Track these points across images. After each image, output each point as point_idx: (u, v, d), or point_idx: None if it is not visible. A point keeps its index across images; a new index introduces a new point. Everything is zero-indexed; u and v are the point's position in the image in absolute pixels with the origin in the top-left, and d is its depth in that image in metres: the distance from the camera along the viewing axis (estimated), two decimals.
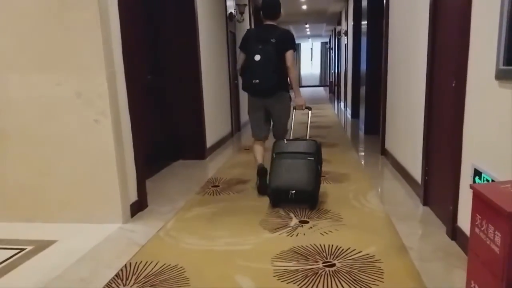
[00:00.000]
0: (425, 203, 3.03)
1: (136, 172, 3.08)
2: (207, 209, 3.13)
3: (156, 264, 2.23)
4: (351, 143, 5.85)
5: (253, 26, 10.65)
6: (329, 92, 17.77)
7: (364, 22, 6.46)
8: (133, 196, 3.05)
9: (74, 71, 2.71)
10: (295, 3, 11.27)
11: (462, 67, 2.31)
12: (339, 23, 12.57)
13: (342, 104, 11.94)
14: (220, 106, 6.00)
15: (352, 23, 8.42)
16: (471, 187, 1.54)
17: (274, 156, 3.15)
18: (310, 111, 3.51)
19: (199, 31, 4.84)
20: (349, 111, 9.34)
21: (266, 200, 3.25)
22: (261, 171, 3.40)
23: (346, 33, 10.32)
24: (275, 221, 2.81)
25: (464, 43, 2.27)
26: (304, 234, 2.57)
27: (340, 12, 12.38)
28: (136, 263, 2.25)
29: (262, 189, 3.37)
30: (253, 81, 3.20)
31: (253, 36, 3.32)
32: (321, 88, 21.51)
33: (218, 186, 3.78)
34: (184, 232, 2.66)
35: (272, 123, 3.51)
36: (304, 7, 11.89)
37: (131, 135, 3.03)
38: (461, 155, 2.34)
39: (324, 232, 2.59)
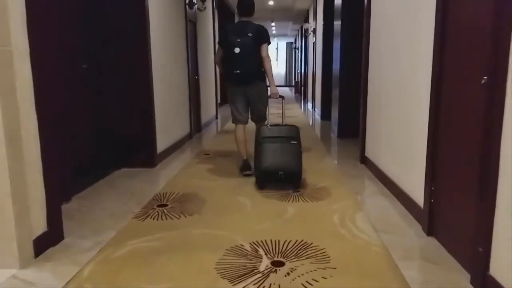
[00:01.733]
0: (430, 232, 2.38)
1: (46, 192, 2.21)
2: (145, 242, 2.31)
3: None
4: (325, 148, 5.20)
5: (217, 20, 9.87)
6: (295, 92, 17.24)
7: (337, 22, 5.84)
8: (40, 226, 2.18)
9: None
10: None
11: (499, 57, 1.66)
12: (306, 21, 12.01)
13: (309, 104, 11.37)
14: (176, 104, 5.16)
15: (322, 22, 7.81)
16: None
17: (260, 140, 3.36)
18: (283, 100, 3.81)
19: (149, 15, 3.99)
20: (318, 112, 8.75)
21: (227, 224, 2.50)
22: (245, 167, 3.76)
23: (314, 31, 9.74)
24: (238, 262, 2.05)
25: (506, 22, 1.62)
26: (279, 286, 1.83)
27: (308, 10, 11.82)
28: None
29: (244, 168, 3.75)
30: (235, 71, 3.54)
31: (231, 31, 3.62)
32: (287, 88, 20.97)
33: (166, 205, 2.97)
34: (106, 285, 1.85)
35: (250, 110, 3.80)
36: (271, 2, 11.22)
37: (38, 143, 2.16)
38: (498, 177, 1.68)
39: (307, 282, 1.86)
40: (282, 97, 3.76)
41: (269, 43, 3.60)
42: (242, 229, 2.47)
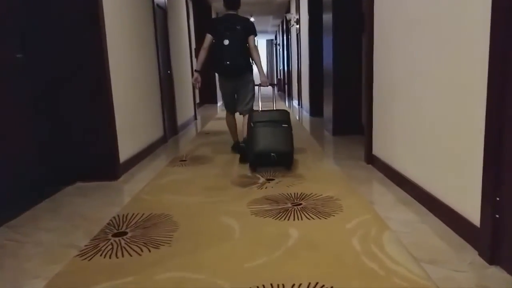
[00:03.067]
0: (494, 260, 1.69)
1: None
2: None
3: None
4: (322, 147, 4.50)
5: (191, 12, 9.11)
6: (278, 90, 16.57)
7: (327, 15, 5.16)
8: None
9: None
10: None
11: None
12: (288, 12, 11.33)
13: (295, 102, 10.71)
14: (144, 103, 4.38)
15: (308, 15, 7.14)
16: None
17: (253, 125, 3.42)
18: (274, 87, 4.30)
19: None
20: (306, 108, 8.07)
21: (206, 261, 1.75)
22: (237, 148, 4.08)
23: (298, 22, 9.07)
24: None
25: None
26: None
27: (289, 1, 11.16)
28: None
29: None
30: (225, 62, 3.70)
31: (220, 24, 3.81)
32: (269, 87, 20.28)
33: (125, 233, 2.20)
34: None
35: (237, 100, 3.99)
36: None
37: None
38: None
39: None
40: (272, 84, 4.10)
41: (255, 34, 3.81)
42: (227, 268, 1.73)
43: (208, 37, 3.81)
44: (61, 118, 3.23)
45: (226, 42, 3.66)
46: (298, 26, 9.12)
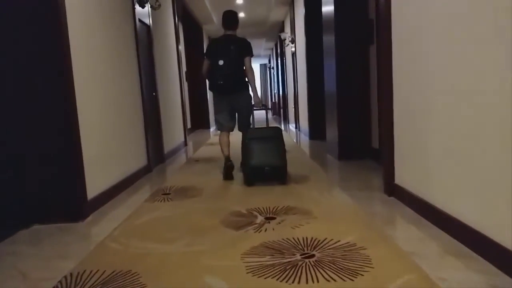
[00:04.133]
0: None
1: None
2: None
3: None
4: (327, 174, 3.90)
5: (181, 32, 8.70)
6: (273, 114, 16.10)
7: (329, 37, 4.68)
8: None
9: None
10: (231, 8, 9.51)
11: None
12: (282, 31, 10.95)
13: (292, 125, 10.19)
14: (123, 130, 3.80)
15: (305, 37, 6.71)
16: None
17: (247, 141, 3.55)
18: (266, 109, 4.61)
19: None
20: (304, 131, 7.53)
21: None
22: (228, 167, 3.84)
23: (293, 41, 8.67)
24: None
25: None
26: None
27: (283, 22, 10.83)
28: None
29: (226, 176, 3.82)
30: (218, 82, 3.79)
31: (216, 45, 3.91)
32: (263, 111, 19.85)
33: None
34: None
35: (237, 118, 4.02)
36: (242, 14, 10.17)
37: None
38: None
39: None
40: (264, 105, 4.36)
41: (251, 55, 3.86)
42: None
43: (206, 62, 3.92)
44: (12, 148, 2.63)
45: (221, 62, 3.73)
46: (293, 45, 8.71)
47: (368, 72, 4.37)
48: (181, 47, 9.12)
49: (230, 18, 3.99)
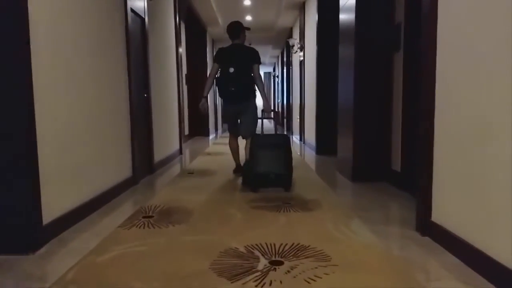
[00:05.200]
0: None
1: None
2: None
3: None
4: (341, 199, 3.29)
5: (183, 33, 8.18)
6: (276, 124, 15.51)
7: (346, 48, 4.13)
8: None
9: None
10: (238, 11, 8.99)
11: None
12: (290, 37, 10.40)
13: (295, 136, 9.62)
14: (101, 136, 3.20)
15: (316, 46, 6.16)
16: None
17: (254, 148, 3.55)
18: (275, 114, 4.93)
19: None
20: (310, 145, 6.94)
21: None
22: (238, 169, 4.26)
23: (302, 48, 8.12)
24: None
25: None
26: None
27: (291, 28, 10.31)
28: None
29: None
30: (230, 88, 3.96)
31: (225, 53, 4.08)
32: (265, 120, 19.29)
33: None
34: None
35: (240, 125, 4.13)
36: (248, 17, 9.66)
37: None
38: None
39: None
40: (274, 111, 4.37)
41: (259, 63, 4.00)
42: None
43: (215, 66, 4.10)
44: None
45: (231, 69, 3.90)
46: (302, 53, 8.16)
47: (390, 83, 3.80)
48: (182, 48, 8.59)
49: (233, 28, 4.18)
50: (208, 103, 4.27)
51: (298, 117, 8.87)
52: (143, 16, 4.43)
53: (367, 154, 3.91)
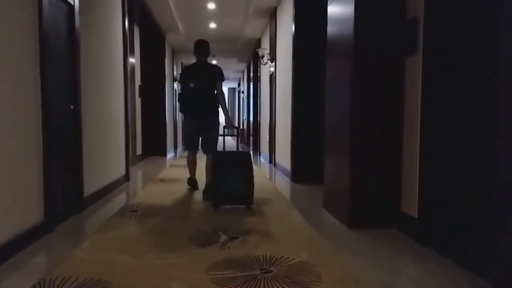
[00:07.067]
0: None
1: None
2: None
3: None
4: (348, 264, 2.27)
5: (137, 36, 7.07)
6: (241, 142, 14.49)
7: (338, 62, 3.28)
8: None
9: None
10: (200, 16, 7.99)
11: None
12: (255, 55, 9.49)
13: (263, 156, 8.64)
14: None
15: (292, 60, 5.28)
16: None
17: (217, 168, 3.59)
18: (238, 130, 4.62)
19: None
20: (283, 170, 5.95)
21: None
22: (192, 183, 4.45)
23: (273, 60, 7.21)
24: None
25: None
26: None
27: (259, 39, 9.43)
28: None
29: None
30: (190, 104, 4.05)
31: (189, 70, 4.27)
32: (228, 138, 18.24)
33: None
34: None
35: (201, 141, 4.18)
36: (212, 25, 8.70)
37: None
38: None
39: None
40: (236, 127, 4.51)
41: (223, 80, 4.07)
42: None
43: (180, 87, 4.24)
44: None
45: (192, 85, 3.98)
46: (273, 65, 7.25)
47: (401, 95, 2.89)
48: (136, 55, 7.45)
49: (202, 46, 4.19)
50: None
51: (268, 136, 7.91)
52: (72, 3, 3.31)
53: (369, 192, 2.95)
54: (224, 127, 4.11)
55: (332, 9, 3.43)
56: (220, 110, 4.13)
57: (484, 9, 2.11)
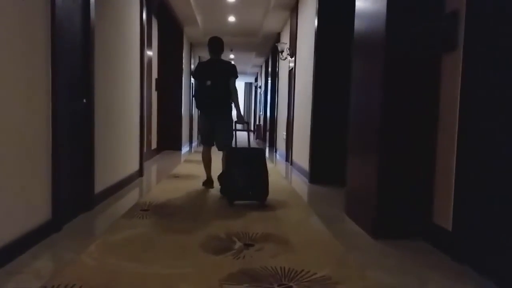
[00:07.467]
0: None
1: None
2: None
3: None
4: (366, 283, 2.07)
5: (155, 29, 6.94)
6: (256, 138, 14.29)
7: (366, 60, 3.11)
8: None
9: None
10: (220, 9, 7.81)
11: None
12: (274, 50, 9.26)
13: (279, 154, 8.44)
14: None
15: (314, 57, 5.04)
16: None
17: (232, 162, 3.70)
18: (248, 126, 4.85)
19: None
20: (301, 170, 5.73)
21: None
22: (208, 183, 4.38)
23: (293, 55, 6.98)
24: None
25: None
26: None
27: (279, 34, 9.19)
28: None
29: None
30: (206, 100, 4.11)
31: (203, 67, 4.32)
32: (244, 133, 18.02)
33: None
34: None
35: (215, 138, 4.22)
36: (232, 18, 8.50)
37: None
38: None
39: None
40: (246, 122, 4.53)
41: (236, 77, 4.11)
42: None
43: (195, 83, 4.32)
44: None
45: (208, 82, 4.03)
46: (292, 60, 7.02)
47: (436, 94, 2.65)
48: (153, 48, 7.32)
49: (216, 44, 4.26)
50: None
51: (285, 133, 7.69)
52: None
53: (397, 197, 2.72)
54: (236, 122, 4.23)
55: (361, 3, 3.19)
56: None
57: None
